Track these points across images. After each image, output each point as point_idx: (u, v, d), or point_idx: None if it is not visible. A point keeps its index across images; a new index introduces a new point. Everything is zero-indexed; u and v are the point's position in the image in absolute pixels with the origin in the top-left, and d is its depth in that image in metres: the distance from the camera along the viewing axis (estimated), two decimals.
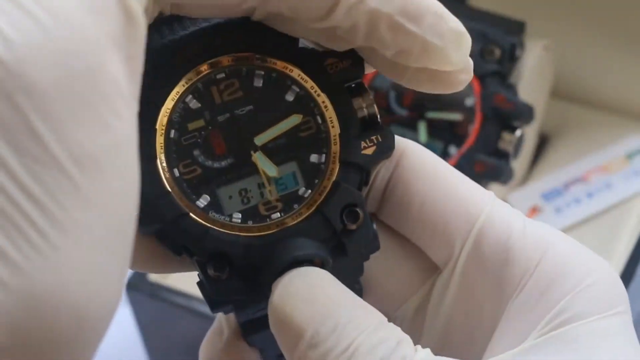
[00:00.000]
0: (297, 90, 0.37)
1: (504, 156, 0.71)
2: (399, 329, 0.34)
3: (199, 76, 0.36)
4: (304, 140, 0.37)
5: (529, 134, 0.77)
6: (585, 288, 0.34)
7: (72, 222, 0.26)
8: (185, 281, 0.75)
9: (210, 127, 0.36)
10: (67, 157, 0.26)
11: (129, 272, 0.75)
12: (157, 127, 0.36)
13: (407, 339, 0.33)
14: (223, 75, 0.36)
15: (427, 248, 0.37)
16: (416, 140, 0.66)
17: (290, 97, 0.37)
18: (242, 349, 0.38)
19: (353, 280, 0.37)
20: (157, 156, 0.35)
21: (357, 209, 0.36)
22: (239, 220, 0.36)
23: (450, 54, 0.34)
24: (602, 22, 0.83)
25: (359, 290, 0.38)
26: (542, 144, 0.84)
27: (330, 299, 0.34)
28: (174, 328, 0.75)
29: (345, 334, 0.33)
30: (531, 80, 0.76)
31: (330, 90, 0.36)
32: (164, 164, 0.35)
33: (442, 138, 0.72)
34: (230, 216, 0.36)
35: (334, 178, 0.36)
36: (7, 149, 0.25)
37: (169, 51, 0.36)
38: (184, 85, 0.36)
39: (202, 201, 0.36)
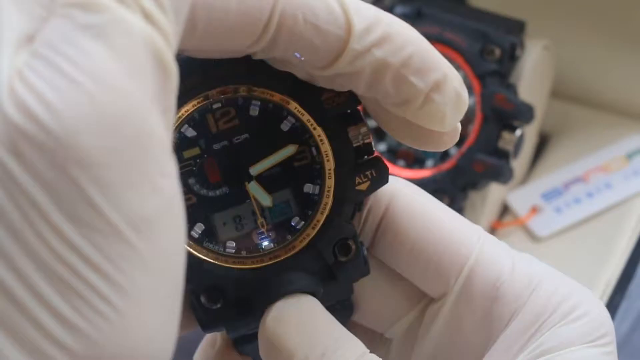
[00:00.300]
0: (293, 121, 0.37)
1: (504, 156, 0.71)
2: (379, 359, 0.35)
3: (196, 107, 0.36)
4: (299, 170, 0.37)
5: (529, 133, 0.76)
6: (570, 321, 0.35)
7: (134, 286, 0.26)
8: None
9: (205, 156, 0.37)
10: (124, 223, 0.26)
11: None
12: None
13: None
14: (219, 104, 0.36)
15: (419, 284, 0.38)
16: None
17: (285, 127, 0.37)
18: (234, 359, 0.39)
19: (342, 299, 0.38)
20: None
21: (349, 242, 0.37)
22: (233, 251, 0.37)
23: (447, 115, 0.34)
24: (603, 22, 0.83)
25: (349, 306, 0.39)
26: (542, 143, 0.84)
27: (320, 327, 0.35)
28: None
29: None
30: (531, 80, 0.76)
31: (326, 125, 0.36)
32: None
33: None
34: (225, 245, 0.37)
35: (327, 212, 0.37)
36: (65, 220, 0.25)
37: None
38: (180, 117, 0.36)
39: (197, 230, 0.36)
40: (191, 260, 0.35)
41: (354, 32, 0.32)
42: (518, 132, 0.71)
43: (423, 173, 0.73)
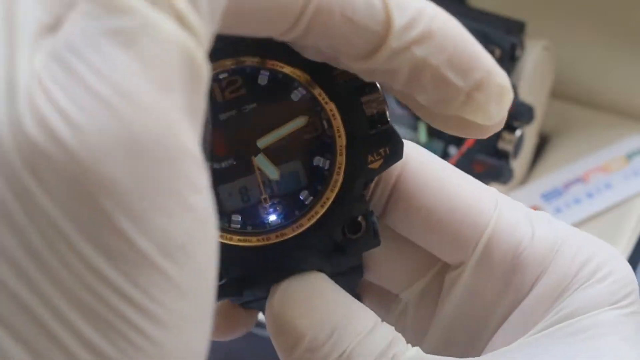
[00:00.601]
0: (304, 92, 0.35)
1: (503, 156, 0.71)
2: (392, 329, 0.34)
3: None
4: (309, 143, 0.36)
5: (528, 134, 0.77)
6: (595, 282, 0.34)
7: (169, 315, 0.25)
8: None
9: (210, 126, 0.35)
10: (156, 251, 0.24)
11: None
12: None
13: (398, 337, 0.34)
14: (226, 74, 0.35)
15: (436, 252, 0.36)
16: (416, 140, 0.66)
17: (296, 97, 0.35)
18: (238, 314, 0.37)
19: (351, 273, 0.37)
20: None
21: (359, 220, 0.35)
22: (238, 226, 0.35)
23: (491, 109, 0.32)
24: (602, 22, 0.83)
25: (359, 269, 0.37)
26: (542, 144, 0.84)
27: (328, 304, 0.34)
28: None
29: (342, 339, 0.33)
30: (531, 80, 0.76)
31: (338, 98, 0.35)
32: None
33: (442, 138, 0.72)
34: (230, 219, 0.35)
35: (337, 190, 0.35)
36: (91, 248, 0.23)
37: None
38: None
39: None
40: None
41: (393, 29, 0.30)
42: (518, 133, 0.71)
43: None
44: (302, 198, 0.36)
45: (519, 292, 0.35)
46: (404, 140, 0.36)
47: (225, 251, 0.34)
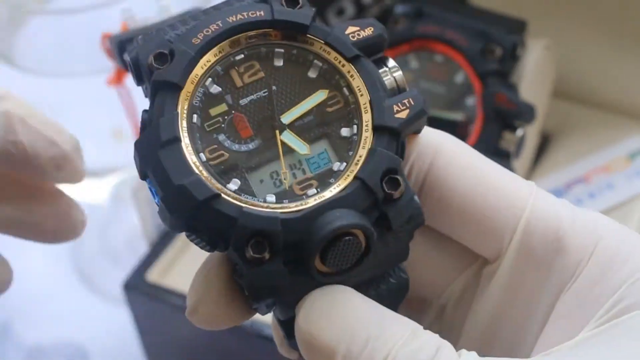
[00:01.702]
0: (320, 64, 0.36)
1: (505, 156, 0.71)
2: (436, 335, 0.32)
3: (217, 57, 0.35)
4: (333, 115, 0.36)
5: (530, 134, 0.76)
6: None
7: None
8: (184, 282, 0.74)
9: (233, 112, 0.35)
10: None
11: (127, 273, 0.74)
12: (179, 110, 0.34)
13: (446, 344, 0.32)
14: (242, 56, 0.36)
15: (472, 244, 0.36)
16: None
17: (313, 74, 0.36)
18: (236, 305, 0.35)
19: (398, 263, 0.36)
20: (182, 139, 0.34)
21: (397, 177, 0.34)
22: (274, 201, 0.34)
23: None
24: (605, 22, 0.83)
25: (405, 280, 0.36)
26: (544, 143, 0.84)
27: (358, 314, 0.32)
28: (172, 329, 0.75)
29: (378, 347, 0.32)
30: (533, 79, 0.76)
31: (355, 58, 0.35)
32: (190, 148, 0.34)
33: None
34: (264, 199, 0.34)
35: (368, 146, 0.35)
36: None
37: (187, 36, 0.35)
38: (202, 67, 0.35)
39: (233, 185, 0.35)
40: (230, 209, 0.33)
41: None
42: (519, 132, 0.71)
43: None
44: (335, 169, 0.35)
45: (564, 277, 0.33)
46: (435, 130, 0.36)
47: (266, 218, 0.33)
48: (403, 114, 0.35)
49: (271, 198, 0.35)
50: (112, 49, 0.49)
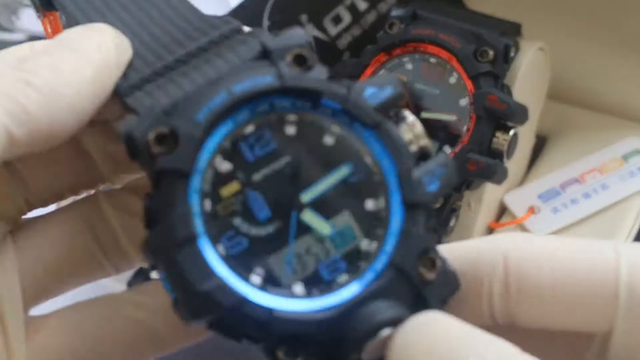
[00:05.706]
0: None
1: (497, 156, 0.71)
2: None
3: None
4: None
5: (526, 135, 0.77)
6: None
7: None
8: None
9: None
10: None
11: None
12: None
13: None
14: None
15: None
16: None
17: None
18: None
19: None
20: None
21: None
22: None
23: None
24: (598, 24, 0.83)
25: None
26: (540, 145, 0.84)
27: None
28: None
29: None
30: (526, 81, 0.76)
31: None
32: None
33: (437, 138, 0.72)
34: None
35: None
36: None
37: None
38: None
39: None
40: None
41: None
42: (511, 132, 0.71)
43: None
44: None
45: None
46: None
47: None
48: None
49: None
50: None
